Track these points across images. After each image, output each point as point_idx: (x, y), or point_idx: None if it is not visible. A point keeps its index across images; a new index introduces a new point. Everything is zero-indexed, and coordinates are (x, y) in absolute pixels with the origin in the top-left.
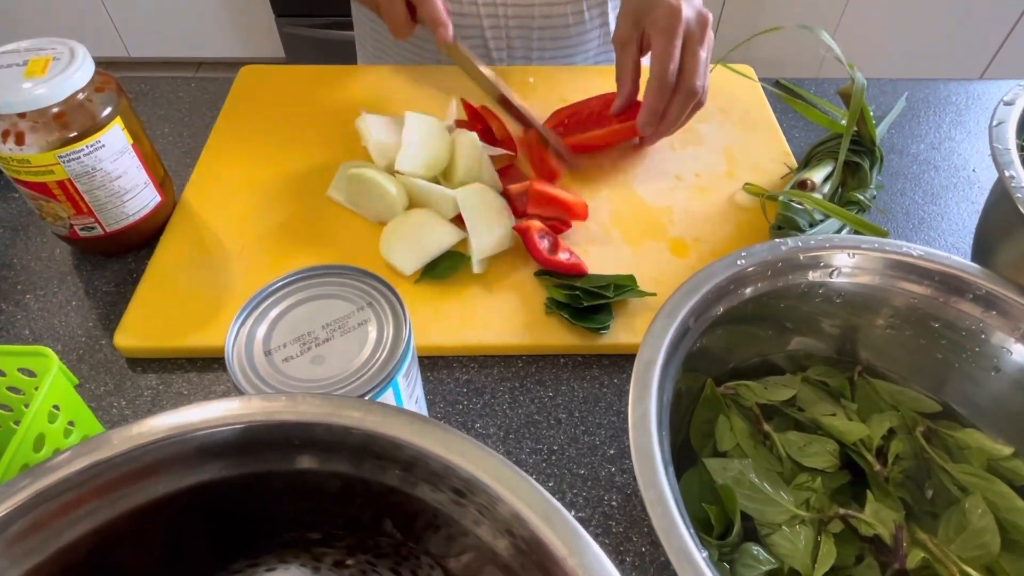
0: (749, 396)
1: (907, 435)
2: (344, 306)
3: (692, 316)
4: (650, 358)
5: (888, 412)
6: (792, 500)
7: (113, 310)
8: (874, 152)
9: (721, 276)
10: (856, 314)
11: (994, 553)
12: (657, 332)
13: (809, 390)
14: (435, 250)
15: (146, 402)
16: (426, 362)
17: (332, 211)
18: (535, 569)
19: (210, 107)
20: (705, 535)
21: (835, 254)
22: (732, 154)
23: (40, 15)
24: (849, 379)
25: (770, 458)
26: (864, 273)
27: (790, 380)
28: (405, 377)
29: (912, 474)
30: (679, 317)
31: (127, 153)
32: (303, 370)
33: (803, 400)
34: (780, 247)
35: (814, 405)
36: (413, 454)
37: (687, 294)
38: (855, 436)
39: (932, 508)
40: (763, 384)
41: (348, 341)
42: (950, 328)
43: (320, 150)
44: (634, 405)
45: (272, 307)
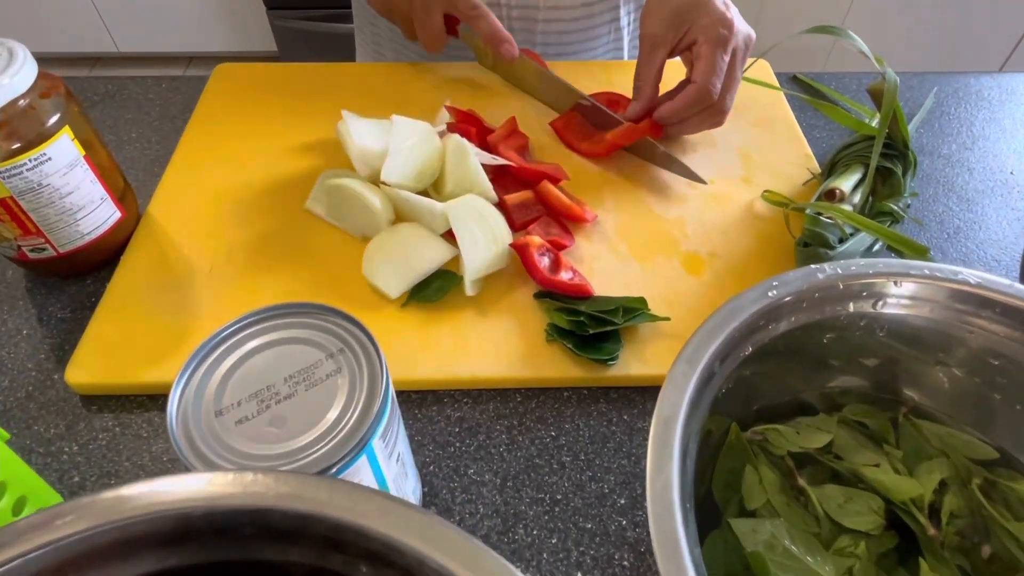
0: (780, 443)
1: (960, 487)
2: (311, 353)
3: (717, 360)
4: (670, 414)
5: (938, 460)
6: (833, 570)
7: (68, 339)
8: (907, 156)
9: (750, 311)
10: (901, 348)
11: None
12: (678, 382)
13: (847, 434)
14: (424, 270)
15: (100, 447)
16: (413, 397)
17: (311, 225)
18: None
19: (183, 109)
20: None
21: (881, 282)
22: (749, 157)
23: (21, 9)
24: (892, 420)
25: (805, 517)
26: (912, 303)
27: (825, 422)
28: (382, 438)
29: (967, 533)
30: (702, 362)
31: (78, 166)
32: (260, 433)
33: (841, 446)
34: (817, 274)
35: (854, 452)
36: (386, 547)
37: (711, 334)
38: (905, 495)
39: (991, 572)
40: (795, 428)
41: (314, 397)
42: (1013, 365)
43: (299, 157)
44: (653, 475)
45: (226, 356)
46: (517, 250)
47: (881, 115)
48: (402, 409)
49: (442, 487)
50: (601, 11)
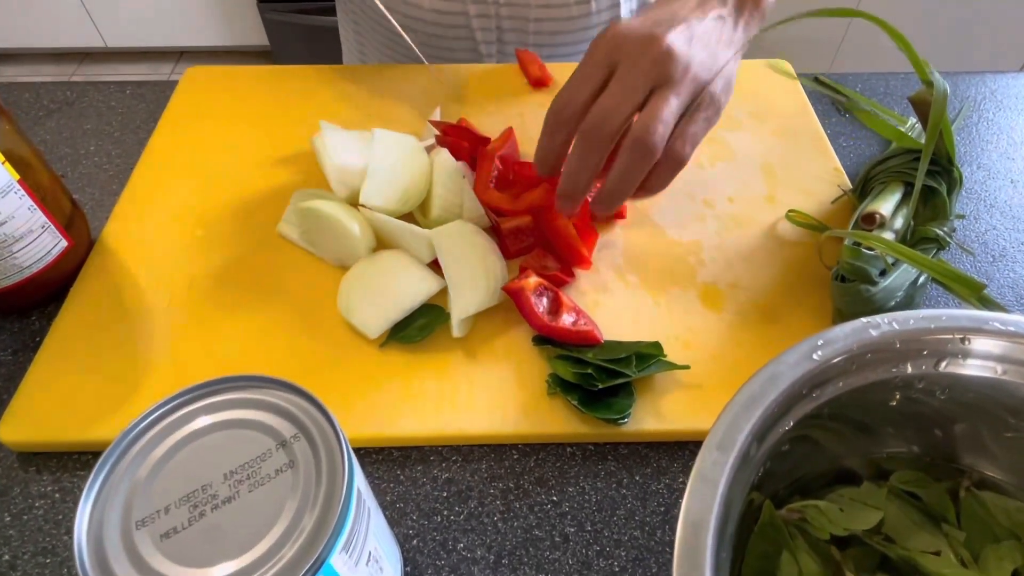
0: (821, 523)
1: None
2: (258, 441)
3: (754, 440)
4: (700, 519)
5: (1008, 544)
6: None
7: (7, 386)
8: (952, 173)
9: (791, 377)
10: (966, 413)
11: None
12: (708, 475)
13: (899, 510)
14: (407, 305)
15: (36, 518)
16: (395, 455)
17: (283, 251)
18: None
19: (147, 119)
20: None
21: (946, 338)
22: (772, 172)
23: (7, 4)
24: (951, 491)
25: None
26: (980, 360)
27: (873, 494)
28: (345, 550)
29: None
30: (736, 446)
31: (12, 191)
32: (191, 552)
33: (892, 526)
34: (869, 331)
35: (908, 534)
36: None
37: (746, 409)
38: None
39: None
40: (838, 504)
41: (260, 500)
42: None
43: (273, 172)
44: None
45: (155, 445)
46: (511, 295)
47: (928, 129)
48: (381, 470)
49: (427, 565)
50: (598, 9)
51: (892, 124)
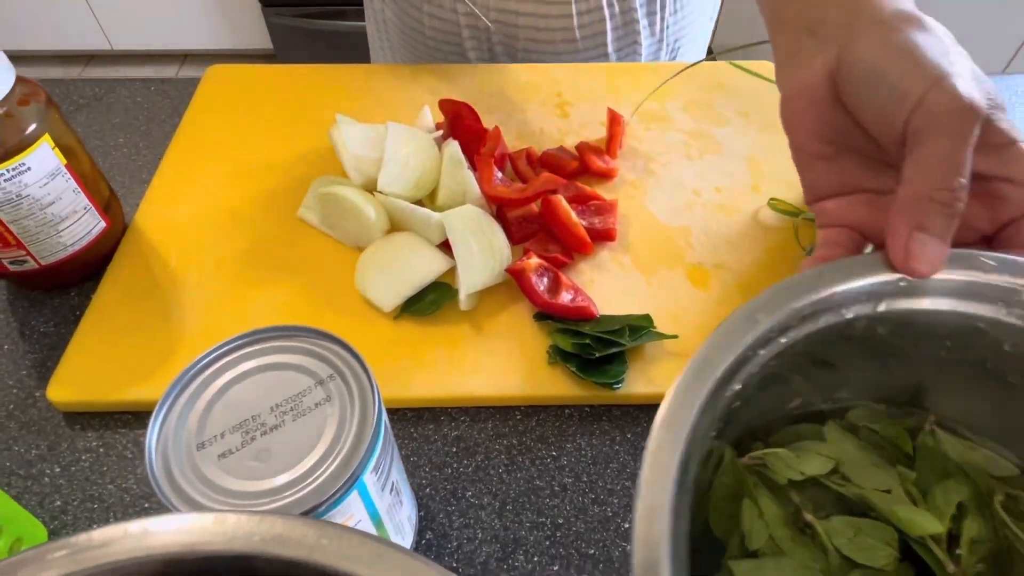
0: (780, 469)
1: (981, 509)
2: (299, 380)
3: (704, 415)
4: (653, 503)
5: (956, 479)
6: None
7: (51, 355)
8: None
9: (736, 349)
10: (913, 349)
11: None
12: (661, 466)
13: (855, 448)
14: (419, 282)
15: (83, 469)
16: (409, 415)
17: (304, 234)
18: None
19: (171, 113)
20: None
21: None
22: (756, 164)
23: (13, 6)
24: (910, 431)
25: (812, 550)
26: (916, 296)
27: (831, 431)
28: (375, 471)
29: (989, 560)
30: (687, 429)
31: (59, 175)
32: (244, 469)
33: (849, 464)
34: (804, 292)
35: (863, 473)
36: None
37: (693, 388)
38: (922, 532)
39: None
40: (796, 451)
41: (302, 428)
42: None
43: (293, 162)
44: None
45: (209, 383)
46: (513, 275)
47: None
48: (397, 428)
49: (439, 511)
50: (583, 36)
51: None
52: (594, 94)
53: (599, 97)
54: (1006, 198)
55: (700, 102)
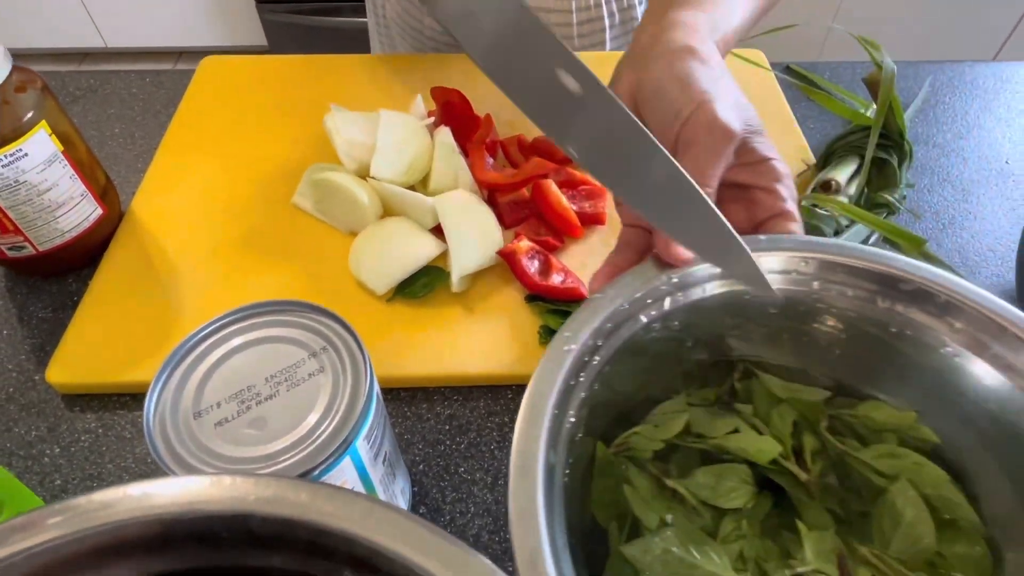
0: (643, 445)
1: (811, 430)
2: (293, 352)
3: (553, 436)
4: (526, 507)
5: (786, 405)
6: (727, 560)
7: (50, 339)
8: (903, 146)
9: (556, 383)
10: (705, 329)
11: (931, 546)
12: (526, 478)
13: (700, 410)
14: (411, 265)
15: (83, 449)
16: (402, 395)
17: (298, 220)
18: None
19: (167, 104)
20: None
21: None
22: None
23: (6, 4)
24: (732, 386)
25: (687, 512)
26: (690, 287)
27: (677, 403)
28: (367, 439)
29: (830, 473)
30: (539, 458)
31: (56, 162)
32: (240, 436)
33: (698, 424)
34: (600, 311)
35: (712, 425)
36: (371, 553)
37: (533, 425)
38: (769, 455)
39: (862, 507)
40: (653, 423)
41: (296, 397)
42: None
43: (286, 150)
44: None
45: (206, 355)
46: (505, 257)
47: (878, 105)
48: (390, 407)
49: (432, 486)
50: (592, 5)
51: (849, 105)
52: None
53: None
54: (760, 203)
55: None
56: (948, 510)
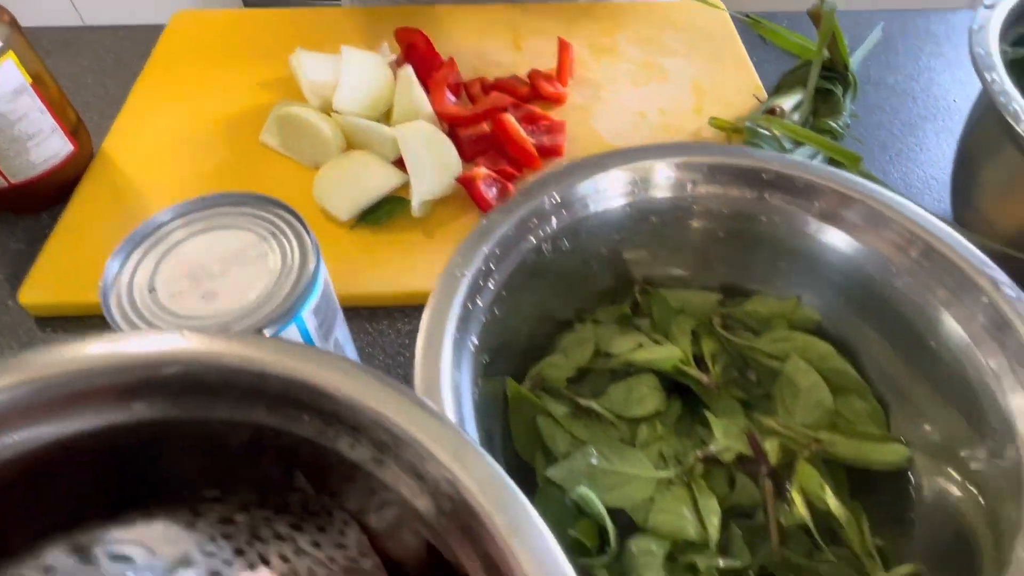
0: (556, 374)
1: (709, 333)
2: (244, 237)
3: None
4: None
5: (683, 315)
6: (648, 462)
7: (23, 269)
8: (847, 78)
9: (453, 308)
10: (595, 249)
11: (830, 406)
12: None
13: (605, 331)
14: (373, 194)
15: None
16: (364, 313)
17: (265, 157)
18: (458, 532)
19: (140, 56)
20: (587, 558)
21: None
22: (700, 89)
23: None
24: (633, 303)
25: (607, 429)
26: (576, 209)
27: (584, 330)
28: (314, 314)
29: (732, 366)
30: (445, 382)
31: (25, 93)
32: (192, 306)
33: (606, 345)
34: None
35: (617, 343)
36: (333, 402)
37: (431, 353)
38: (670, 362)
39: (764, 390)
40: (562, 353)
41: (246, 274)
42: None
43: (255, 93)
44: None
45: (160, 240)
46: (463, 183)
47: (820, 34)
48: (352, 324)
49: None
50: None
51: (797, 42)
52: (549, 31)
53: (554, 33)
54: None
55: (651, 37)
56: (837, 377)
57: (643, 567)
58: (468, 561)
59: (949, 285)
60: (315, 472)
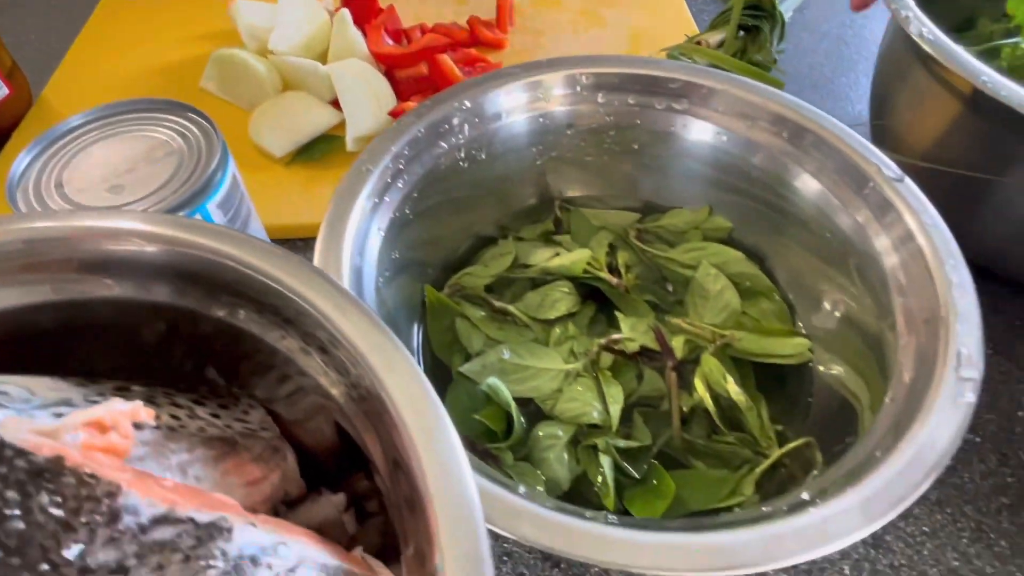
0: (474, 283)
1: (626, 247)
2: (154, 138)
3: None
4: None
5: (602, 231)
6: (558, 358)
7: None
8: (774, 15)
9: (357, 200)
10: (531, 148)
11: (738, 307)
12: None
13: (526, 245)
14: (309, 131)
15: None
16: (299, 244)
17: (205, 101)
18: (367, 419)
19: (84, 11)
20: (493, 444)
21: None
22: (637, 34)
23: None
24: (555, 220)
25: (521, 331)
26: (487, 121)
27: (505, 246)
28: (221, 208)
29: (648, 277)
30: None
31: None
32: (99, 199)
33: (525, 256)
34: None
35: (535, 255)
36: (239, 278)
37: (331, 242)
38: (581, 264)
39: (678, 297)
40: (483, 264)
41: (154, 170)
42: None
43: (197, 43)
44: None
45: (70, 143)
46: (395, 117)
47: None
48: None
49: None
50: None
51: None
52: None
53: None
54: None
55: None
56: (746, 279)
57: (546, 449)
58: (372, 446)
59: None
60: (228, 363)
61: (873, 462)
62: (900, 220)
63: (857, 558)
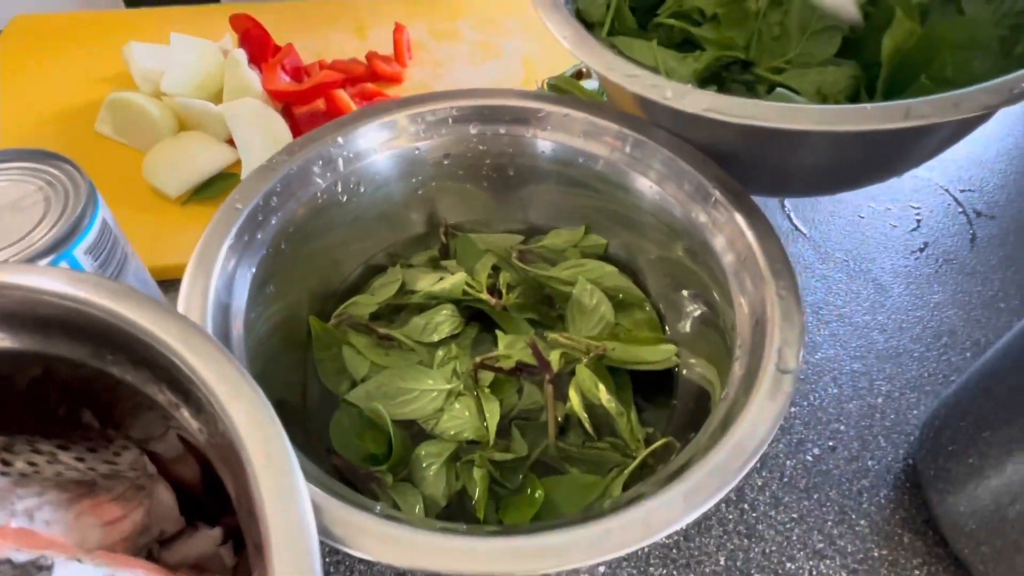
0: (360, 311)
1: (510, 267)
2: (21, 188)
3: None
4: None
5: (487, 254)
6: (441, 379)
7: None
8: None
9: (226, 238)
10: (410, 179)
11: (612, 319)
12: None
13: (413, 271)
14: (205, 170)
15: None
16: None
17: (101, 146)
18: (221, 459)
19: None
20: (375, 467)
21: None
22: (530, 63)
23: None
24: (442, 247)
25: (407, 355)
26: (361, 159)
27: (393, 273)
28: (90, 253)
29: (531, 296)
30: (217, 262)
31: None
32: None
33: (412, 282)
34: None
35: (421, 281)
36: (92, 321)
37: (198, 280)
38: (460, 287)
39: (560, 313)
40: (370, 292)
41: (19, 218)
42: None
43: (91, 88)
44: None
45: None
46: None
47: None
48: None
49: None
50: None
51: None
52: (392, 18)
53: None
54: None
55: (490, 19)
56: (620, 292)
57: (426, 467)
58: (228, 485)
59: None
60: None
61: (700, 453)
62: (732, 221)
63: (732, 548)
